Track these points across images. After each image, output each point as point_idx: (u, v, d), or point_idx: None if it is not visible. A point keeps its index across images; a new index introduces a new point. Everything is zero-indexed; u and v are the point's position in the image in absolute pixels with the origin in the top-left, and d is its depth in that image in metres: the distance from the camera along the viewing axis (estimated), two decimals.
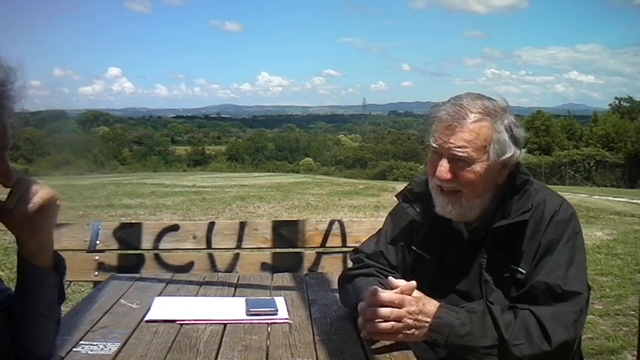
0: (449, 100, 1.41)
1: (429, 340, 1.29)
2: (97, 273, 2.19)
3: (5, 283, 1.18)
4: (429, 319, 1.29)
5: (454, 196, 1.40)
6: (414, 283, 1.34)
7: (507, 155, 1.38)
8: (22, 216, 1.00)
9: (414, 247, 1.54)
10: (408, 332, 1.28)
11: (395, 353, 1.28)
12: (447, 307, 1.32)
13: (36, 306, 1.06)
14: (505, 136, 1.38)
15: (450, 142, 1.36)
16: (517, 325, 1.29)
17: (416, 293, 1.33)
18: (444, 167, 1.37)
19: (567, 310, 1.31)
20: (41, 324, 1.09)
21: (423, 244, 1.52)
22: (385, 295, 1.29)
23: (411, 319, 1.28)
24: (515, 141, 1.40)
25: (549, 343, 1.27)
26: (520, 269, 1.38)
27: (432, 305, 1.31)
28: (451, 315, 1.30)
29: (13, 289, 1.18)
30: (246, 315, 1.49)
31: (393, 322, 1.27)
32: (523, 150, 1.42)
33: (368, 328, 1.29)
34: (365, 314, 1.30)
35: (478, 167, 1.37)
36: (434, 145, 1.40)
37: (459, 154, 1.35)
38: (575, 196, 12.80)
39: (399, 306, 1.28)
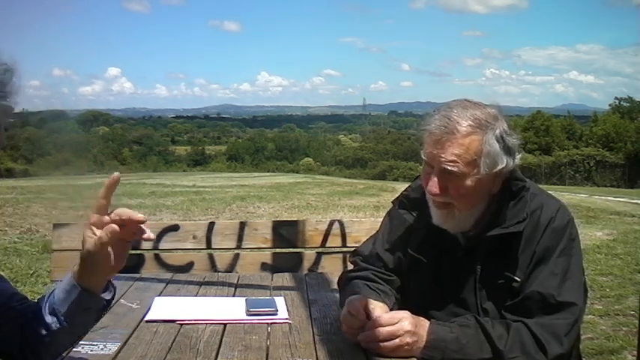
0: (439, 111, 1.39)
1: (425, 357, 1.28)
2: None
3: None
4: (419, 335, 1.28)
5: (447, 208, 1.39)
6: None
7: (499, 167, 1.36)
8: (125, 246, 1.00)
9: (409, 251, 1.53)
10: (406, 348, 1.27)
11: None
12: (439, 324, 1.32)
13: (74, 326, 1.06)
14: (496, 147, 1.35)
15: (441, 157, 1.34)
16: (511, 337, 1.29)
17: (405, 313, 1.32)
18: (434, 182, 1.36)
19: (561, 321, 1.31)
20: (69, 339, 1.10)
21: (419, 248, 1.51)
22: (380, 319, 1.30)
23: (409, 334, 1.27)
24: (507, 150, 1.37)
25: (545, 354, 1.28)
26: (515, 277, 1.37)
27: (424, 321, 1.31)
28: (445, 330, 1.30)
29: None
30: (246, 315, 1.49)
31: (386, 343, 1.27)
32: (518, 156, 1.40)
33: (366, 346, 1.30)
34: (361, 339, 1.30)
35: (469, 181, 1.35)
36: (425, 158, 1.39)
37: (449, 168, 1.34)
38: (575, 196, 12.81)
39: (389, 324, 1.28)
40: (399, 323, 1.28)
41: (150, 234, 1.01)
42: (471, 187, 1.36)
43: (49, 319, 1.04)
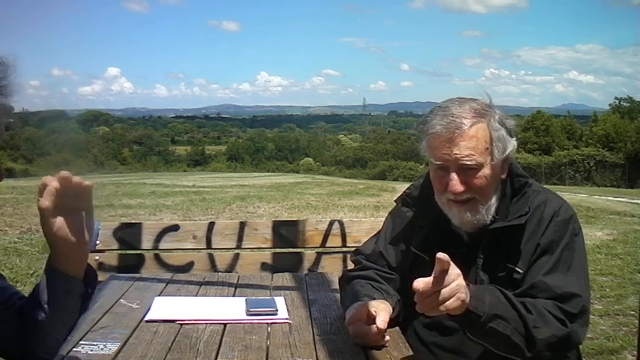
0: (436, 113, 1.38)
1: (471, 308, 1.21)
2: (97, 273, 2.18)
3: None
4: (463, 284, 1.19)
5: (469, 204, 1.39)
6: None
7: (509, 150, 1.40)
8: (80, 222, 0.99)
9: (412, 248, 1.54)
10: (460, 304, 1.19)
11: (395, 354, 1.28)
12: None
13: (59, 314, 1.06)
14: (502, 131, 1.39)
15: (455, 154, 1.34)
16: (531, 309, 1.28)
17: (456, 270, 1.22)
18: (455, 181, 1.35)
19: (567, 310, 1.31)
20: (59, 330, 1.09)
21: (422, 245, 1.52)
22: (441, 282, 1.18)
23: (463, 289, 1.20)
24: (510, 133, 1.41)
25: (564, 325, 1.28)
26: (517, 269, 1.39)
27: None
28: (477, 285, 1.30)
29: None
30: (246, 315, 1.49)
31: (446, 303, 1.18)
32: (513, 139, 1.42)
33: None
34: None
35: (487, 170, 1.37)
36: (437, 162, 1.38)
37: (468, 162, 1.34)
38: (575, 196, 12.80)
39: (448, 284, 1.18)
40: (455, 282, 1.18)
41: (78, 178, 0.98)
42: (489, 176, 1.38)
43: (35, 311, 1.05)
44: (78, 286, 1.06)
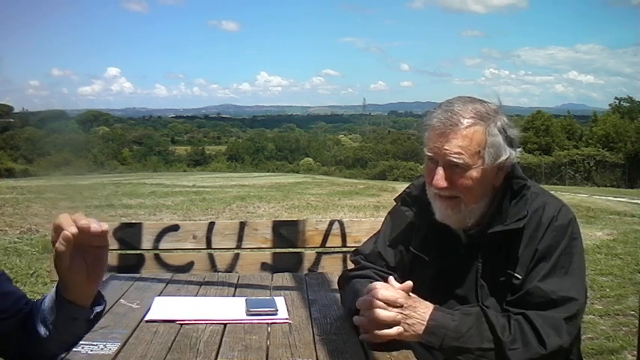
0: (440, 107, 1.41)
1: (424, 341, 1.29)
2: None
3: None
4: (419, 319, 1.29)
5: (453, 201, 1.40)
6: (410, 283, 1.35)
7: (503, 158, 1.38)
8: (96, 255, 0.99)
9: (411, 248, 1.54)
10: (405, 332, 1.29)
11: (394, 353, 1.28)
12: (442, 310, 1.32)
13: (63, 335, 1.06)
14: (499, 138, 1.37)
15: (445, 149, 1.35)
16: (513, 329, 1.30)
17: (411, 294, 1.34)
18: (440, 175, 1.37)
19: (561, 315, 1.32)
20: (60, 347, 1.10)
21: (421, 245, 1.52)
22: (381, 292, 1.31)
23: (399, 314, 1.29)
24: (509, 142, 1.39)
25: (544, 346, 1.28)
26: (516, 274, 1.38)
27: (424, 307, 1.32)
28: (446, 317, 1.30)
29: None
30: (246, 315, 1.49)
31: (379, 311, 1.29)
32: (518, 150, 1.42)
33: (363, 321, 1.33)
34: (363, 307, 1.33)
35: (474, 173, 1.37)
36: (428, 153, 1.40)
37: (455, 160, 1.35)
38: (575, 196, 12.82)
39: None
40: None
41: (96, 225, 0.96)
42: (476, 179, 1.37)
43: (39, 326, 1.05)
44: (85, 314, 1.07)
